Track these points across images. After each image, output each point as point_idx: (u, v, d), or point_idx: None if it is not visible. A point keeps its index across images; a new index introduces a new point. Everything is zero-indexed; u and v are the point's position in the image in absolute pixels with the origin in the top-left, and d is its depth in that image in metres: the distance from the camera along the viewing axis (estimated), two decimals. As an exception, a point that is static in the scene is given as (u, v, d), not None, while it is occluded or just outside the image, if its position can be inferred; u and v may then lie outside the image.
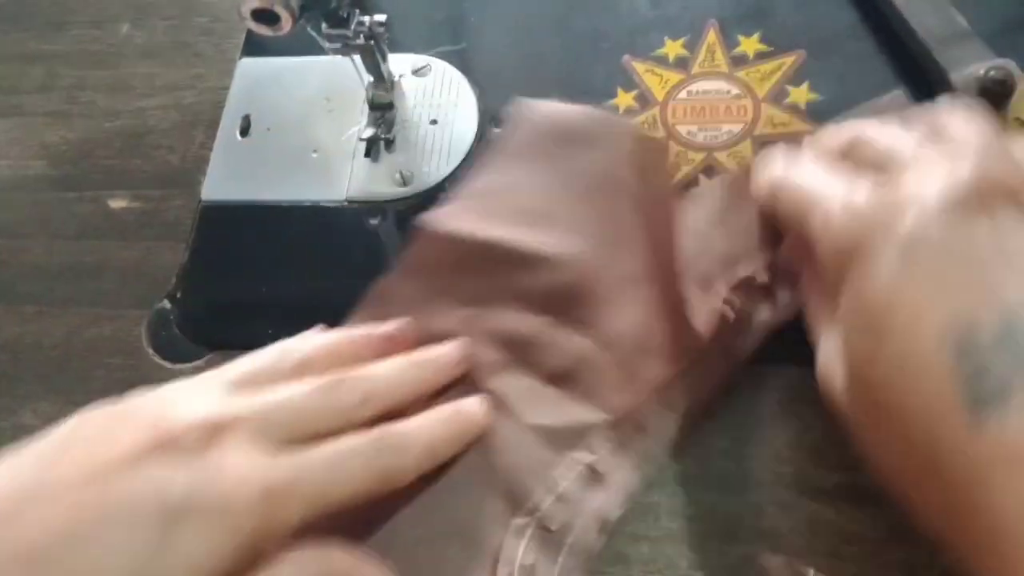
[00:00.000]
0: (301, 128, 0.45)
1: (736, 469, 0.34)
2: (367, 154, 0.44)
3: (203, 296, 0.42)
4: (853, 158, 0.31)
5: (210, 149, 0.46)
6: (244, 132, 0.46)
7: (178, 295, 0.42)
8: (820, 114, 0.40)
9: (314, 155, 0.45)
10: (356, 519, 0.30)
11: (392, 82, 0.44)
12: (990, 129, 0.28)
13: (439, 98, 0.45)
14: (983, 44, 0.38)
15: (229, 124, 0.46)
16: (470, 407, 0.33)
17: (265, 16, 0.30)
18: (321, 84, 0.46)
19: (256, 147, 0.45)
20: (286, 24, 0.30)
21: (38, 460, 0.27)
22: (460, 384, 0.34)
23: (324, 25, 0.38)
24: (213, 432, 0.27)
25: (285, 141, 0.45)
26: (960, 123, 0.29)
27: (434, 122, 0.44)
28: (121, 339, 0.42)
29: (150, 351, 0.41)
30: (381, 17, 0.39)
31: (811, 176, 0.31)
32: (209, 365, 0.40)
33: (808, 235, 0.30)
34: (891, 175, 0.28)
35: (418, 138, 0.44)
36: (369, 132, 0.43)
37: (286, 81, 0.47)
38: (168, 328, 0.41)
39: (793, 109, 0.41)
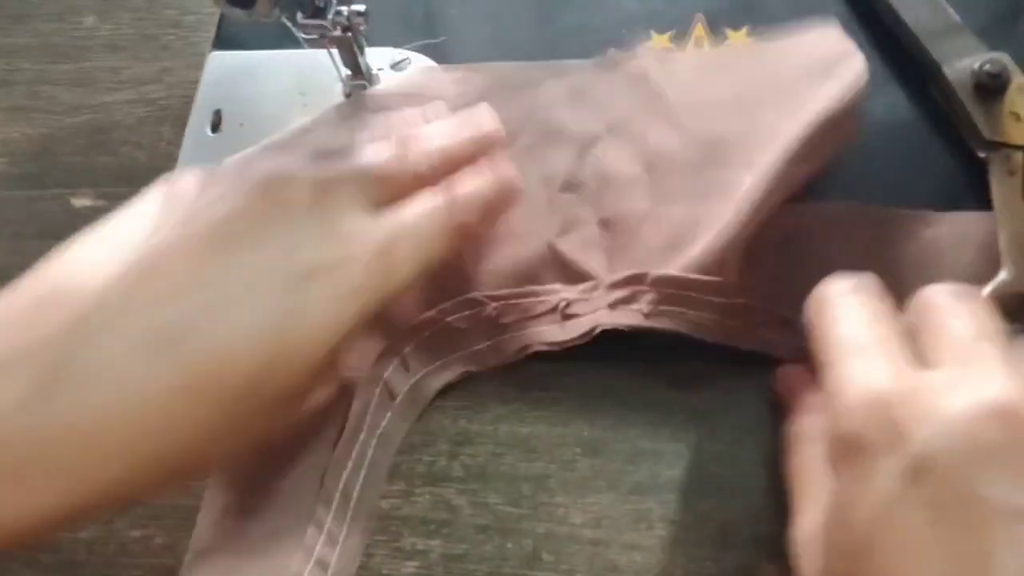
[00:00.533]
0: (275, 123, 0.43)
1: (730, 475, 0.34)
2: (344, 150, 0.42)
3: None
4: (914, 317, 0.28)
5: (178, 146, 0.44)
6: (215, 128, 0.44)
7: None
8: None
9: (289, 151, 0.43)
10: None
11: (370, 76, 0.42)
12: None
13: (418, 93, 0.43)
14: (975, 37, 0.38)
15: (199, 120, 0.44)
16: (506, 171, 0.34)
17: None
18: (295, 78, 0.45)
19: (228, 143, 0.43)
20: (262, 7, 0.28)
21: (147, 222, 0.30)
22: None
23: (300, 15, 0.36)
24: (321, 191, 0.29)
25: (259, 137, 0.43)
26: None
27: (413, 117, 0.43)
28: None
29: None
30: (360, 7, 0.37)
31: (853, 324, 0.28)
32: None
33: (825, 388, 0.27)
34: (930, 365, 0.26)
35: (397, 134, 0.43)
36: (346, 127, 0.42)
37: (259, 75, 0.45)
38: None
39: (783, 104, 0.40)
